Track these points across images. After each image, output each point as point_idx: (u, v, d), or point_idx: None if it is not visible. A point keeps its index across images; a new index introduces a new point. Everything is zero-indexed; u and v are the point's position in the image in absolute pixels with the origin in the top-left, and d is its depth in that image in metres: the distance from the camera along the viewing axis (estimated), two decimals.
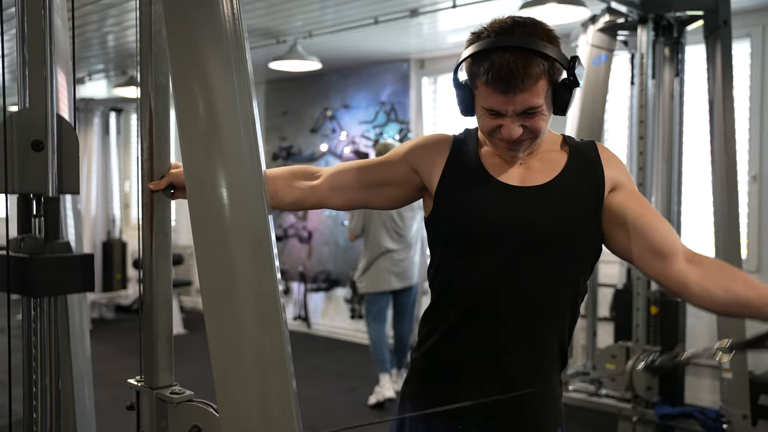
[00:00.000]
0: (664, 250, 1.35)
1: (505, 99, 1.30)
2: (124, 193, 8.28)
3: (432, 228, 1.48)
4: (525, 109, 1.31)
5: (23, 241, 1.36)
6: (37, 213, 1.39)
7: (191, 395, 1.27)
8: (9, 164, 1.34)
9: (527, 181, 1.41)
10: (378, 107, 6.21)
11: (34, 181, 1.36)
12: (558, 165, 1.43)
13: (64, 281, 1.37)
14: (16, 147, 1.34)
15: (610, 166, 1.42)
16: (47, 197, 1.36)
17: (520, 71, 1.27)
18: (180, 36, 1.18)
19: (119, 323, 7.36)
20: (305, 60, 5.20)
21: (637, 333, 3.60)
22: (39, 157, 1.36)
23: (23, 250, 1.35)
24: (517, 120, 1.32)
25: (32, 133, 1.36)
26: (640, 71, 3.61)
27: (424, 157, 1.47)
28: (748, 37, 4.35)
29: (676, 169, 3.89)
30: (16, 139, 1.35)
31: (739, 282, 1.31)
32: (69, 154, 1.40)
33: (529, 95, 1.29)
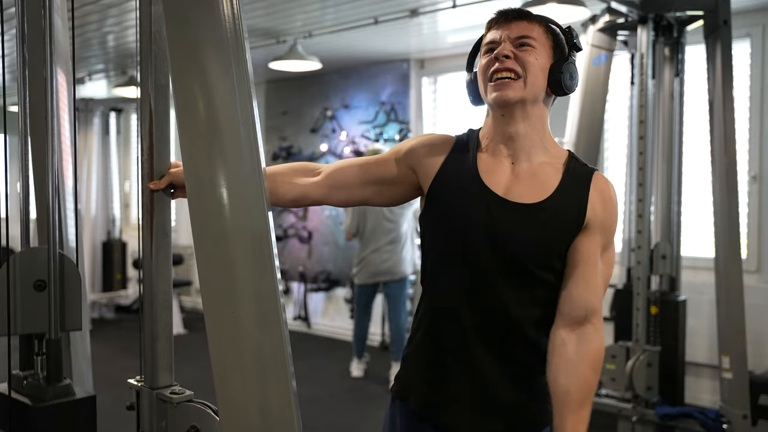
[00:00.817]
0: (562, 308, 1.40)
1: (503, 27, 1.41)
2: (124, 193, 8.28)
3: (422, 226, 1.50)
4: (519, 37, 1.39)
5: (26, 380, 1.37)
6: (39, 351, 1.40)
7: (191, 395, 1.27)
8: (11, 305, 1.34)
9: (514, 195, 1.40)
10: (378, 107, 6.21)
11: (36, 321, 1.37)
12: (548, 186, 1.41)
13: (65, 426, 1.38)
14: (19, 288, 1.35)
15: (593, 203, 1.40)
16: (49, 339, 1.37)
17: (520, 10, 1.43)
18: (180, 36, 1.18)
19: (119, 323, 7.36)
20: (305, 60, 5.20)
21: (637, 333, 3.60)
22: (41, 298, 1.37)
23: (25, 391, 1.36)
24: (511, 45, 1.40)
25: (35, 273, 1.37)
26: (640, 71, 3.60)
27: (423, 157, 1.48)
28: (748, 37, 4.35)
29: (676, 169, 3.89)
30: (19, 280, 1.36)
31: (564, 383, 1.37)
32: (71, 292, 1.41)
33: (525, 26, 1.41)
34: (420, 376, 1.48)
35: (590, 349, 1.38)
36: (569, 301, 1.39)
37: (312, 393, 4.66)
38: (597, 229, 1.39)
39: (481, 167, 1.44)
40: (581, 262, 1.38)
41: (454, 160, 1.46)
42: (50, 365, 1.36)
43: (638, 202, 3.61)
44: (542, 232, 1.38)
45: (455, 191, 1.43)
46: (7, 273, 1.34)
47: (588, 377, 1.37)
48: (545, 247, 1.38)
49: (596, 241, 1.39)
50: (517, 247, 1.38)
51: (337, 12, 4.67)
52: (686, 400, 3.91)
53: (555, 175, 1.42)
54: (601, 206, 1.40)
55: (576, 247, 1.39)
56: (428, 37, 5.33)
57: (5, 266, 1.34)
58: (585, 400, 1.37)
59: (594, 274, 1.39)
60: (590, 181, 1.41)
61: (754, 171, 4.36)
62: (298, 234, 6.82)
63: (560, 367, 1.38)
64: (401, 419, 1.51)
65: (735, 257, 3.52)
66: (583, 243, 1.39)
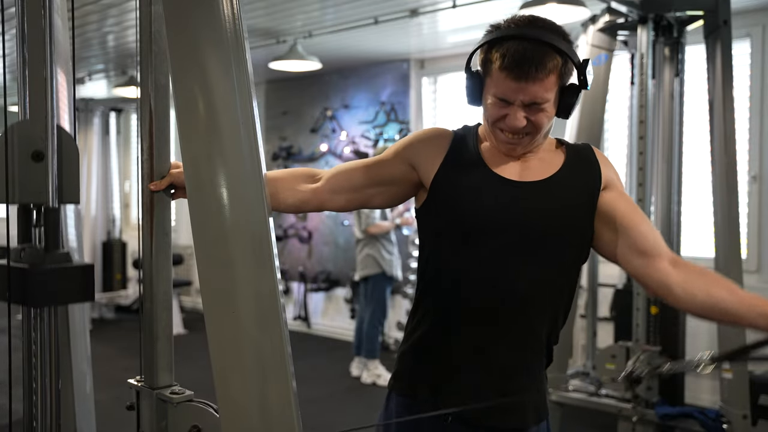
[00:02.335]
0: (648, 250, 1.38)
1: (517, 86, 1.32)
2: (124, 193, 8.28)
3: (424, 218, 1.49)
4: (533, 101, 1.33)
5: (23, 251, 1.37)
6: (37, 223, 1.39)
7: (191, 395, 1.27)
8: (9, 175, 1.34)
9: (526, 177, 1.43)
10: (378, 107, 6.21)
11: (35, 191, 1.36)
12: (555, 164, 1.45)
13: (64, 291, 1.37)
14: (17, 158, 1.35)
15: (604, 165, 1.46)
16: (47, 208, 1.37)
17: (536, 59, 1.30)
18: (180, 36, 1.18)
19: (119, 323, 7.36)
20: (305, 60, 5.20)
21: (637, 333, 3.60)
22: (39, 168, 1.36)
23: (23, 260, 1.35)
24: (523, 111, 1.35)
25: (32, 144, 1.36)
26: (640, 71, 3.60)
27: (423, 152, 1.48)
28: (748, 37, 4.35)
29: (676, 169, 3.89)
30: (17, 150, 1.35)
31: (722, 288, 1.33)
32: (69, 164, 1.40)
33: (539, 87, 1.32)
34: (428, 370, 1.48)
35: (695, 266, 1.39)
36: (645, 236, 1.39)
37: (312, 393, 4.66)
38: (618, 184, 1.46)
39: (486, 156, 1.45)
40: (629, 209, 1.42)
41: (457, 152, 1.46)
42: (48, 235, 1.36)
43: (638, 202, 3.61)
44: (563, 200, 1.41)
45: (463, 181, 1.43)
46: (5, 143, 1.34)
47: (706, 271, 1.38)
48: (566, 215, 1.41)
49: (624, 192, 1.46)
50: (538, 220, 1.39)
51: (337, 12, 4.67)
52: (686, 400, 3.92)
53: (558, 156, 1.47)
54: (609, 167, 1.46)
55: (612, 203, 1.42)
56: (428, 37, 5.33)
57: (3, 137, 1.34)
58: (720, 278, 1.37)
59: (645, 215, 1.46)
60: (592, 151, 1.48)
61: (754, 171, 4.36)
62: (298, 234, 6.82)
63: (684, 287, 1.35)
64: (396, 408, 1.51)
65: (735, 257, 3.52)
66: (615, 198, 1.43)
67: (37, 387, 1.40)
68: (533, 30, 1.33)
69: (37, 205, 1.38)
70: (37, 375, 1.39)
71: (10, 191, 1.34)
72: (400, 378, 1.54)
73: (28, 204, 1.38)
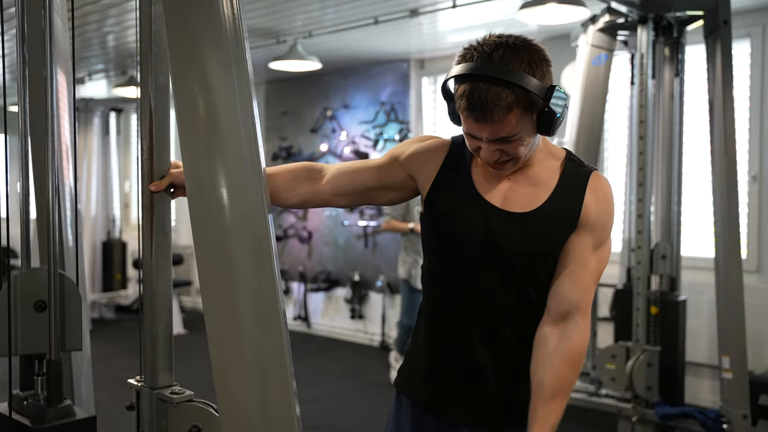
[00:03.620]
0: (549, 304, 1.41)
1: (478, 126, 1.32)
2: (124, 193, 8.28)
3: (424, 227, 1.53)
4: (498, 137, 1.32)
5: (26, 401, 1.37)
6: (39, 372, 1.40)
7: (191, 395, 1.27)
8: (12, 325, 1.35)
9: (509, 205, 1.42)
10: (378, 107, 6.20)
11: (37, 342, 1.37)
12: (545, 190, 1.42)
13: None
14: (19, 308, 1.36)
15: (589, 203, 1.40)
16: (49, 360, 1.38)
17: (489, 103, 1.27)
18: (180, 36, 1.18)
19: (119, 323, 7.35)
20: (305, 60, 5.20)
21: (637, 333, 3.60)
22: (41, 318, 1.37)
23: (25, 412, 1.36)
24: (493, 145, 1.34)
25: (35, 294, 1.37)
26: (640, 71, 3.60)
27: (421, 164, 1.50)
28: (748, 37, 4.35)
29: (676, 169, 3.89)
30: (19, 300, 1.36)
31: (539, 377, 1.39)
32: (71, 312, 1.41)
33: (500, 126, 1.30)
34: (422, 372, 1.53)
35: (569, 345, 1.39)
36: (555, 297, 1.41)
37: (312, 393, 4.66)
38: (590, 228, 1.40)
39: (477, 177, 1.45)
40: (571, 260, 1.40)
41: (450, 166, 1.47)
42: (50, 386, 1.37)
43: (638, 202, 3.61)
44: (538, 239, 1.40)
45: (452, 200, 1.45)
46: (8, 294, 1.35)
47: (563, 372, 1.38)
48: (541, 253, 1.41)
49: (587, 239, 1.40)
50: (513, 255, 1.41)
51: (337, 12, 4.67)
52: (686, 400, 3.92)
53: (552, 179, 1.43)
54: (596, 206, 1.41)
55: (567, 246, 1.40)
56: (428, 37, 5.33)
57: (5, 287, 1.35)
58: (558, 393, 1.38)
59: (583, 272, 1.40)
60: (587, 183, 1.42)
61: (754, 171, 4.36)
62: (298, 234, 6.82)
63: (538, 359, 1.40)
64: (405, 410, 1.56)
65: (735, 257, 3.52)
66: (573, 242, 1.40)
67: None
68: (491, 66, 1.27)
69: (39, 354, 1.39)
70: None
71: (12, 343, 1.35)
72: (403, 376, 1.59)
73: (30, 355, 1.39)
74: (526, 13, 3.73)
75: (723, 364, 3.52)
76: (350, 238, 6.44)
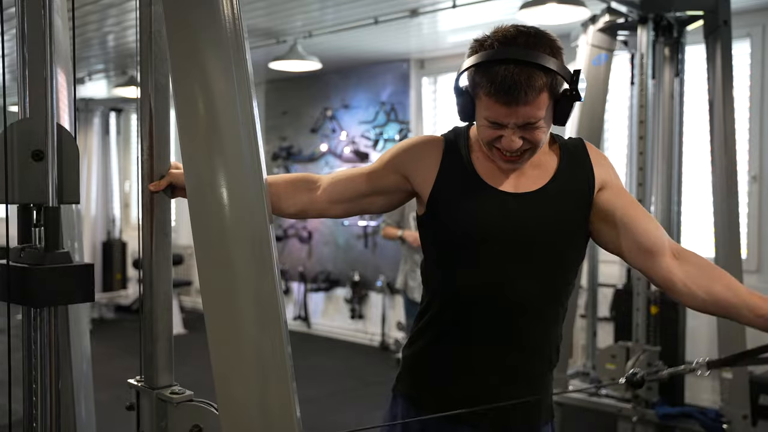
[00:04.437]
0: (651, 246, 1.38)
1: (508, 111, 1.30)
2: (124, 193, 8.28)
3: (426, 230, 1.50)
4: (526, 122, 1.31)
5: (23, 250, 1.37)
6: (37, 222, 1.39)
7: (191, 395, 1.27)
8: (9, 174, 1.34)
9: (521, 187, 1.42)
10: (378, 107, 6.21)
11: (35, 191, 1.36)
12: (549, 168, 1.44)
13: (64, 291, 1.37)
14: (17, 157, 1.35)
15: (599, 165, 1.45)
16: (47, 207, 1.37)
17: (523, 84, 1.27)
18: (180, 36, 1.18)
19: (119, 323, 7.35)
20: (305, 60, 5.20)
21: (637, 333, 3.60)
22: (39, 167, 1.36)
23: (23, 259, 1.35)
24: (518, 132, 1.33)
25: (32, 143, 1.36)
26: (640, 71, 3.60)
27: (414, 164, 1.47)
28: (748, 37, 4.35)
29: (676, 169, 3.89)
30: (17, 149, 1.35)
31: (721, 284, 1.34)
32: (69, 163, 1.40)
33: (531, 108, 1.30)
34: (435, 375, 1.49)
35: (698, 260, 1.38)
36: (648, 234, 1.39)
37: (312, 393, 4.66)
38: (614, 181, 1.45)
39: (480, 168, 1.44)
40: (628, 207, 1.42)
41: (450, 163, 1.45)
42: (48, 234, 1.35)
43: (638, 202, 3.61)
44: (555, 210, 1.41)
45: (459, 195, 1.43)
46: (4, 142, 1.33)
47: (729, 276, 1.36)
48: (562, 220, 1.41)
49: (623, 189, 1.46)
50: (534, 233, 1.40)
51: (337, 12, 4.67)
52: (686, 400, 3.91)
53: (550, 157, 1.46)
54: (604, 164, 1.46)
55: (610, 202, 1.42)
56: (428, 37, 5.33)
57: (2, 135, 1.34)
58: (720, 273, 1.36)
59: (646, 211, 1.44)
60: (586, 149, 1.47)
61: (754, 171, 4.36)
62: (298, 234, 6.82)
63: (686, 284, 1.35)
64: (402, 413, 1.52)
65: (735, 257, 3.52)
66: (613, 196, 1.43)
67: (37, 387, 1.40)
68: (519, 50, 1.29)
69: (37, 204, 1.38)
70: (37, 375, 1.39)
71: (9, 191, 1.34)
72: (405, 381, 1.56)
73: (28, 204, 1.38)
74: (526, 13, 3.74)
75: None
76: (350, 238, 6.45)
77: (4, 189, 1.33)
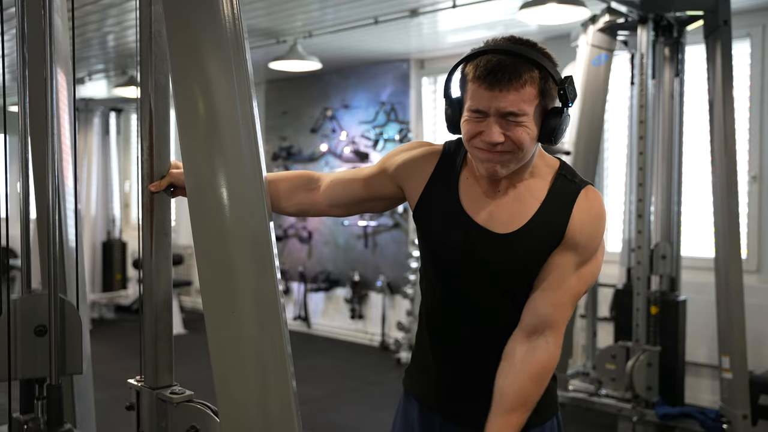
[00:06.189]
0: (523, 317, 1.40)
1: (490, 95, 1.27)
2: (124, 193, 8.28)
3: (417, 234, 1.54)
4: (508, 111, 1.28)
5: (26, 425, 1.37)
6: (40, 396, 1.40)
7: (191, 395, 1.27)
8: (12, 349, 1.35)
9: (493, 224, 1.39)
10: (378, 107, 6.20)
11: (37, 366, 1.38)
12: (529, 209, 1.39)
13: None
14: (19, 332, 1.36)
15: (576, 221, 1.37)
16: (49, 385, 1.38)
17: (509, 68, 1.26)
18: (180, 36, 1.18)
19: (119, 323, 7.35)
20: (305, 60, 5.20)
21: (637, 333, 3.60)
22: (41, 342, 1.37)
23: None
24: (500, 124, 1.29)
25: (35, 319, 1.37)
26: (640, 71, 3.61)
27: (408, 176, 1.49)
28: (748, 37, 4.35)
29: (676, 169, 3.89)
30: (19, 325, 1.36)
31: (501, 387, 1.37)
32: (72, 336, 1.42)
33: (515, 96, 1.27)
34: (427, 374, 1.54)
35: (535, 360, 1.36)
36: (529, 310, 1.39)
37: (312, 393, 4.66)
38: (573, 246, 1.37)
39: (463, 191, 1.43)
40: (550, 276, 1.38)
41: (439, 178, 1.46)
42: (51, 410, 1.37)
43: (638, 202, 3.61)
44: (520, 258, 1.39)
45: (436, 214, 1.45)
46: (8, 318, 1.35)
47: (526, 386, 1.36)
48: (524, 270, 1.40)
49: (569, 258, 1.37)
50: (496, 272, 1.41)
51: (337, 12, 4.67)
52: (686, 400, 3.92)
53: (539, 195, 1.40)
54: (581, 226, 1.37)
55: (549, 261, 1.38)
56: (428, 37, 5.33)
57: (6, 311, 1.35)
58: (518, 407, 1.35)
59: (561, 289, 1.37)
60: (575, 201, 1.38)
61: (754, 171, 4.36)
62: (298, 234, 6.82)
63: (503, 370, 1.39)
64: (412, 410, 1.56)
65: (735, 257, 3.52)
66: (555, 258, 1.38)
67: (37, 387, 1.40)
68: (510, 45, 1.30)
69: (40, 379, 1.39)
70: None
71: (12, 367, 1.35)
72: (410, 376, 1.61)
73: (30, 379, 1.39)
74: (526, 13, 3.74)
75: (723, 364, 3.52)
76: (350, 238, 6.44)
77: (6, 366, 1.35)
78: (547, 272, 1.38)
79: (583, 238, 1.37)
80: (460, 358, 1.48)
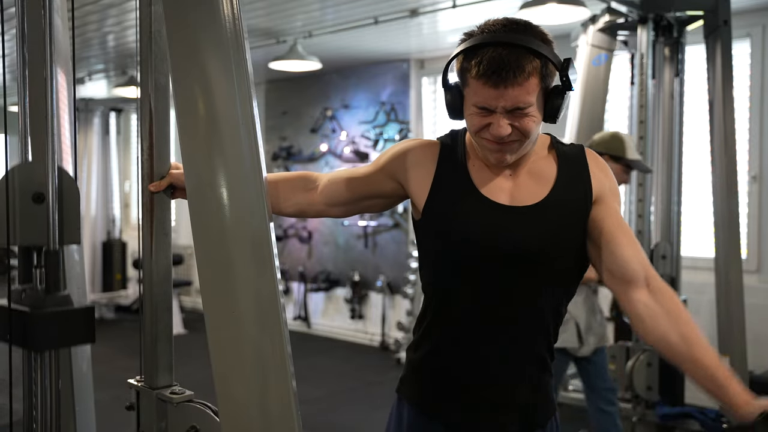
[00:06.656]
0: (625, 276, 1.36)
1: (496, 93, 1.27)
2: (124, 193, 8.28)
3: (421, 236, 1.47)
4: (515, 107, 1.28)
5: (24, 292, 1.37)
6: (38, 264, 1.40)
7: (191, 395, 1.27)
8: (11, 217, 1.35)
9: (518, 200, 1.38)
10: (378, 107, 6.21)
11: (35, 233, 1.37)
12: (548, 179, 1.40)
13: (64, 335, 1.38)
14: (18, 200, 1.35)
15: (596, 176, 1.40)
16: (48, 250, 1.37)
17: (512, 64, 1.25)
18: (180, 36, 1.18)
19: (119, 323, 7.35)
20: (305, 60, 5.20)
21: None
22: (40, 210, 1.36)
23: (24, 302, 1.36)
24: (507, 117, 1.29)
25: (33, 186, 1.37)
26: (640, 71, 3.60)
27: (409, 172, 1.44)
28: (748, 37, 4.35)
29: (676, 169, 3.89)
30: (18, 192, 1.36)
31: (678, 333, 1.32)
32: (70, 205, 1.41)
33: (520, 91, 1.26)
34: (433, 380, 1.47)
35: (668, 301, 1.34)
36: (625, 263, 1.35)
37: (312, 393, 4.66)
38: (609, 197, 1.40)
39: (476, 179, 1.41)
40: (614, 228, 1.37)
41: (446, 171, 1.43)
42: (49, 276, 1.37)
43: (638, 202, 3.61)
44: (553, 227, 1.37)
45: (454, 207, 1.39)
46: (5, 185, 1.34)
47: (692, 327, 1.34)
48: (562, 237, 1.37)
49: (615, 207, 1.40)
50: (529, 250, 1.36)
51: (337, 12, 4.67)
52: (686, 400, 3.91)
53: (549, 167, 1.41)
54: (603, 176, 1.41)
55: (599, 219, 1.37)
56: (428, 37, 5.33)
57: (4, 178, 1.34)
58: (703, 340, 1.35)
59: (631, 235, 1.39)
60: (585, 157, 1.42)
61: (754, 171, 4.36)
62: (298, 234, 6.82)
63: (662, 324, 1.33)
64: (409, 419, 1.50)
65: (735, 257, 3.52)
66: (603, 213, 1.38)
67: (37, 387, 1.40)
68: (508, 34, 1.28)
69: (38, 247, 1.39)
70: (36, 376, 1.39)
71: (11, 233, 1.35)
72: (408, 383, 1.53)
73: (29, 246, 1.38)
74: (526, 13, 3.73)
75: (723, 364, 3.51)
76: (350, 238, 6.45)
77: (5, 232, 1.34)
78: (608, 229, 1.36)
79: (611, 185, 1.42)
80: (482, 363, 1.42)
